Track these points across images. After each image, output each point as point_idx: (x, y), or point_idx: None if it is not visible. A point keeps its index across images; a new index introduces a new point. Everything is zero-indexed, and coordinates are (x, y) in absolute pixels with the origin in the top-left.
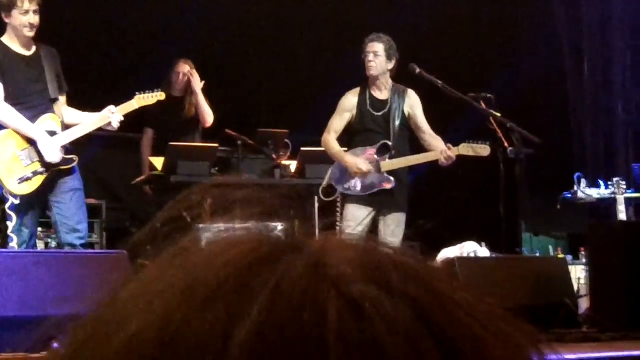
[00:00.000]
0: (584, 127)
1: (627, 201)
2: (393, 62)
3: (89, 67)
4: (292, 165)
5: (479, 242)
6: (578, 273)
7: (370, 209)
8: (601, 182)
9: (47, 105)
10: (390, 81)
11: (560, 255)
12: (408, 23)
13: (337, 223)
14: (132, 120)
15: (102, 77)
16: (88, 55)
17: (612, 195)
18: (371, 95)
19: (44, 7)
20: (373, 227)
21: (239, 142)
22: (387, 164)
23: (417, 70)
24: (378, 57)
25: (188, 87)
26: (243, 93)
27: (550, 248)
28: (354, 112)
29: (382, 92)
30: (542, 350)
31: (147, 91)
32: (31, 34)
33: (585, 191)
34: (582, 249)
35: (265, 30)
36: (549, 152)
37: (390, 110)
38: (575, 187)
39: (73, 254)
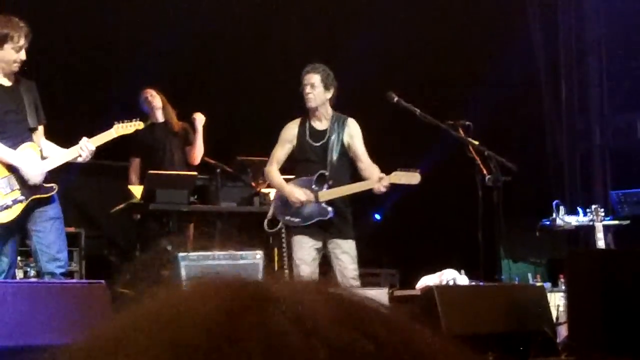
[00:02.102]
0: (561, 153)
1: (606, 228)
2: (331, 91)
3: (68, 96)
4: (272, 192)
5: (458, 269)
6: (557, 300)
7: (313, 240)
8: (580, 210)
9: (27, 135)
10: (330, 110)
11: (539, 283)
12: (385, 49)
13: (284, 253)
14: (114, 148)
15: (81, 107)
16: (67, 84)
17: (591, 223)
18: (311, 126)
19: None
20: (324, 259)
21: (218, 170)
22: (325, 193)
23: (395, 99)
24: (316, 89)
25: (163, 107)
26: (221, 120)
27: (530, 275)
28: (294, 142)
29: (322, 123)
30: None
31: (125, 120)
32: (17, 68)
33: (564, 218)
34: (561, 276)
35: (244, 57)
36: (527, 179)
37: (329, 140)
38: (554, 215)
39: (52, 284)
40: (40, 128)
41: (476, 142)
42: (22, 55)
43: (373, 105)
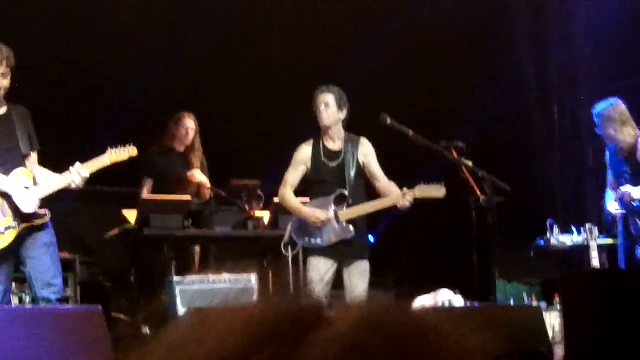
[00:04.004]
0: (553, 173)
1: (600, 248)
2: (345, 112)
3: (61, 120)
4: (266, 216)
5: (453, 290)
6: (553, 320)
7: (332, 261)
8: (574, 229)
9: (19, 161)
10: (343, 131)
11: (535, 303)
12: (377, 72)
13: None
14: (106, 175)
15: (74, 131)
16: (60, 109)
17: (585, 242)
18: (325, 147)
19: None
20: (337, 279)
21: (212, 194)
22: (346, 213)
23: (389, 121)
24: (329, 108)
25: (192, 142)
26: (215, 145)
27: (525, 295)
28: (309, 164)
29: (335, 143)
30: None
31: (119, 146)
32: (2, 95)
33: (559, 238)
34: (556, 295)
35: (237, 80)
36: (521, 200)
37: (345, 160)
38: (548, 234)
39: (48, 309)
40: (34, 155)
41: (470, 163)
42: (5, 83)
43: (366, 126)
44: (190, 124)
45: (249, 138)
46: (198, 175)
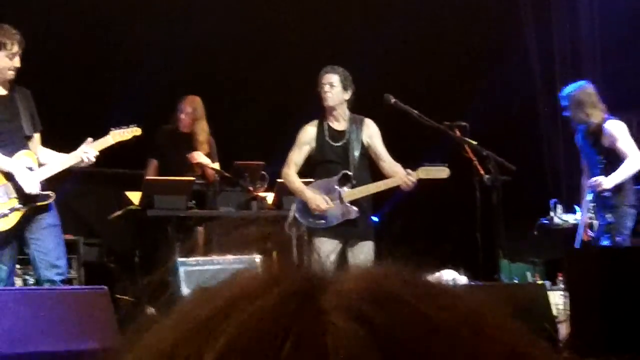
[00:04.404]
0: (557, 153)
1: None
2: (349, 92)
3: (65, 103)
4: (269, 197)
5: (457, 269)
6: (556, 299)
7: (336, 241)
8: (577, 208)
9: (23, 143)
10: (347, 112)
11: (539, 282)
12: (384, 53)
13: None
14: (109, 156)
15: (78, 113)
16: (64, 91)
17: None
18: (329, 127)
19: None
20: (342, 259)
21: (216, 175)
22: (349, 193)
23: (393, 100)
24: (334, 88)
25: (193, 124)
26: (219, 126)
27: (528, 274)
28: (313, 144)
29: (340, 123)
30: None
31: (122, 127)
32: (13, 76)
33: (562, 217)
34: (559, 274)
35: (243, 62)
36: (525, 179)
37: (349, 140)
38: (551, 214)
39: (54, 290)
40: (37, 136)
41: (474, 143)
42: (17, 63)
43: (371, 107)
44: (186, 108)
45: (254, 119)
46: (198, 156)
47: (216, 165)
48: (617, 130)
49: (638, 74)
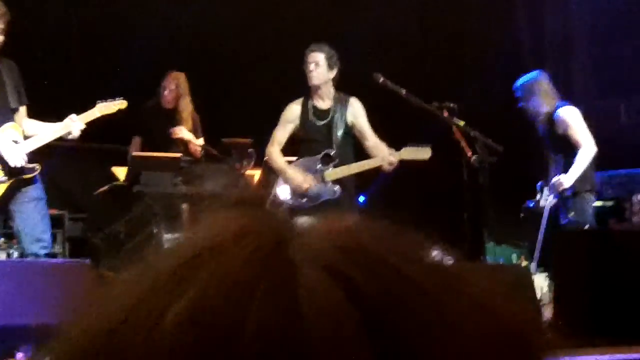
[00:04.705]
0: None
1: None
2: (335, 71)
3: (51, 76)
4: (257, 175)
5: (443, 250)
6: (541, 282)
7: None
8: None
9: (8, 116)
10: (332, 90)
11: (524, 264)
12: (374, 32)
13: None
14: (96, 131)
15: (64, 85)
16: (50, 63)
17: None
18: (314, 106)
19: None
20: None
21: (203, 151)
22: (331, 173)
23: (381, 79)
24: (319, 67)
25: (177, 100)
26: (206, 103)
27: (514, 257)
28: (297, 122)
29: (324, 102)
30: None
31: (109, 99)
32: None
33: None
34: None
35: (230, 38)
36: (513, 162)
37: (333, 119)
38: (537, 196)
39: (38, 263)
40: (22, 109)
41: (462, 123)
42: (1, 38)
43: (360, 86)
44: (169, 84)
45: (242, 96)
46: (180, 132)
47: (200, 141)
48: (569, 116)
49: (628, 61)
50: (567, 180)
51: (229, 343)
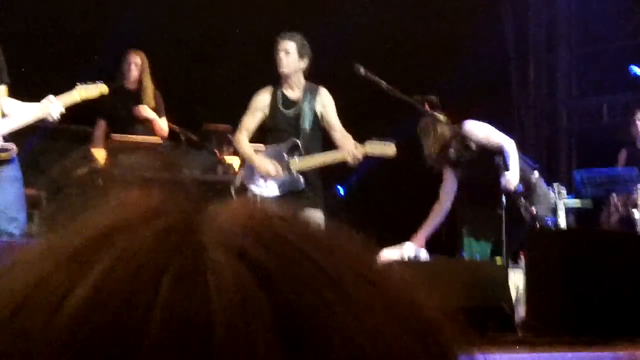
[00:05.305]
0: (527, 134)
1: (569, 210)
2: (306, 60)
3: (30, 58)
4: (236, 162)
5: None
6: (517, 279)
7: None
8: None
9: None
10: (303, 80)
11: (499, 261)
12: (356, 24)
13: None
14: (75, 112)
15: (43, 67)
16: (30, 46)
17: (553, 202)
18: (283, 94)
19: None
20: None
21: (182, 137)
22: (297, 163)
23: (362, 71)
24: (290, 56)
25: (141, 79)
26: (186, 87)
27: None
28: (266, 111)
29: (294, 91)
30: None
31: (89, 82)
32: None
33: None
34: (521, 254)
35: (209, 23)
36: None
37: (302, 109)
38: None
39: (12, 243)
40: (2, 87)
41: (441, 116)
42: None
43: (341, 78)
44: (135, 59)
45: (222, 82)
46: (144, 110)
47: (163, 120)
48: (475, 130)
49: (611, 59)
50: (511, 180)
51: (133, 331)
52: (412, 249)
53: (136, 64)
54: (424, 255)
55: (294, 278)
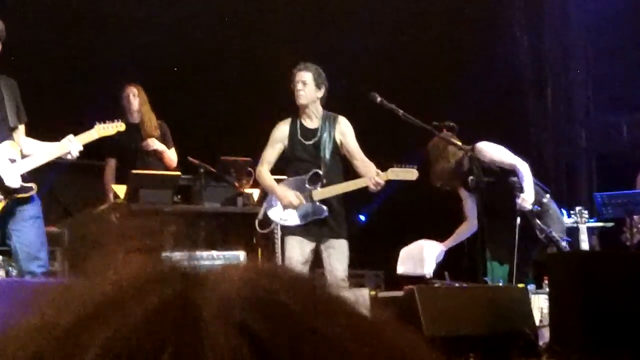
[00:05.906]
0: (546, 156)
1: (590, 230)
2: (322, 90)
3: (50, 98)
4: (255, 193)
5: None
6: (541, 303)
7: (307, 240)
8: (564, 212)
9: (7, 134)
10: (320, 109)
11: (521, 285)
12: (370, 50)
13: (277, 252)
14: (94, 148)
15: (62, 107)
16: (49, 85)
17: (575, 225)
18: (302, 125)
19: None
20: (317, 258)
21: (202, 170)
22: (319, 192)
23: (378, 99)
24: (307, 86)
25: (140, 109)
26: (205, 120)
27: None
28: (286, 142)
29: (312, 121)
30: None
31: (107, 121)
32: None
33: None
34: (545, 278)
35: (229, 57)
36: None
37: (321, 139)
38: None
39: (33, 283)
40: (21, 127)
41: (459, 144)
42: None
43: (357, 106)
44: (132, 91)
45: (241, 115)
46: (153, 143)
47: (172, 151)
48: (488, 151)
49: (627, 78)
50: (526, 199)
51: None
52: (432, 247)
53: (134, 95)
54: (438, 251)
55: (296, 353)
